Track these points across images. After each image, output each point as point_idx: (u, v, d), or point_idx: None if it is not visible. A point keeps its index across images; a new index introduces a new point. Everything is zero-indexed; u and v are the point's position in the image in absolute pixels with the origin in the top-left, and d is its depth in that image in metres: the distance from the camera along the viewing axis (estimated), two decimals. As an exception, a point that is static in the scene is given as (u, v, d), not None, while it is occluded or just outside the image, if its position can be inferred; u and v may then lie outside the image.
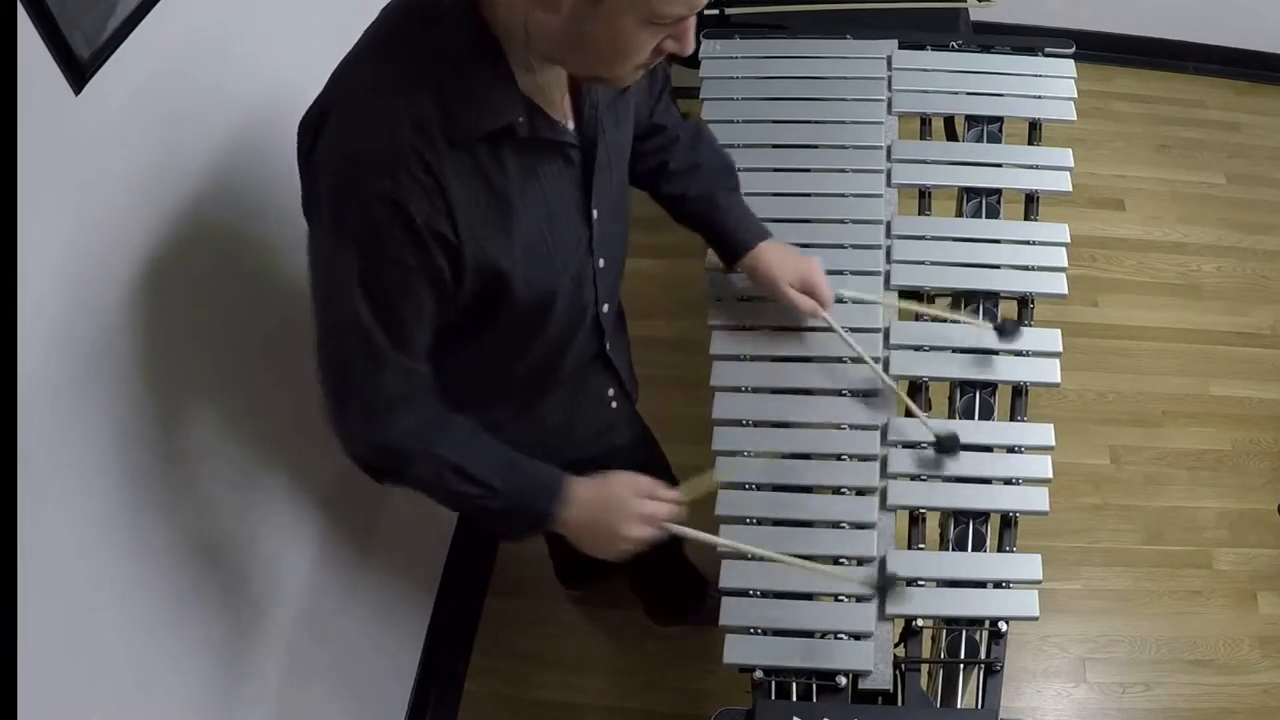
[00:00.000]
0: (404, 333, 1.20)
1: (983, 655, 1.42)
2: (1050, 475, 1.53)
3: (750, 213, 1.61)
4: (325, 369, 1.24)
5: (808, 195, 1.79)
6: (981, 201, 1.82)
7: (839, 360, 1.62)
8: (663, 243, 2.02)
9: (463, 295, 1.22)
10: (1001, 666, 1.41)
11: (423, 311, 1.20)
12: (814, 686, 1.39)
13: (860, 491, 1.53)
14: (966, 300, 1.71)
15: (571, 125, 1.25)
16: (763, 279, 1.58)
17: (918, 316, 1.67)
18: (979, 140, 1.89)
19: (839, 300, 1.63)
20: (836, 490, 1.54)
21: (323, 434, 1.30)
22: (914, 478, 1.54)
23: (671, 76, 1.59)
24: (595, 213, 1.32)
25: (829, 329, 1.61)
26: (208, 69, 1.43)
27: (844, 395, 1.61)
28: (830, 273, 1.69)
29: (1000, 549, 1.50)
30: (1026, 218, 1.80)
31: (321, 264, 1.21)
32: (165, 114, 1.34)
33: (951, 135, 2.28)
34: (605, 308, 1.46)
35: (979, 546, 1.51)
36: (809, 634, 1.43)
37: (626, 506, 1.37)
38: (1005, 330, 1.62)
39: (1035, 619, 1.43)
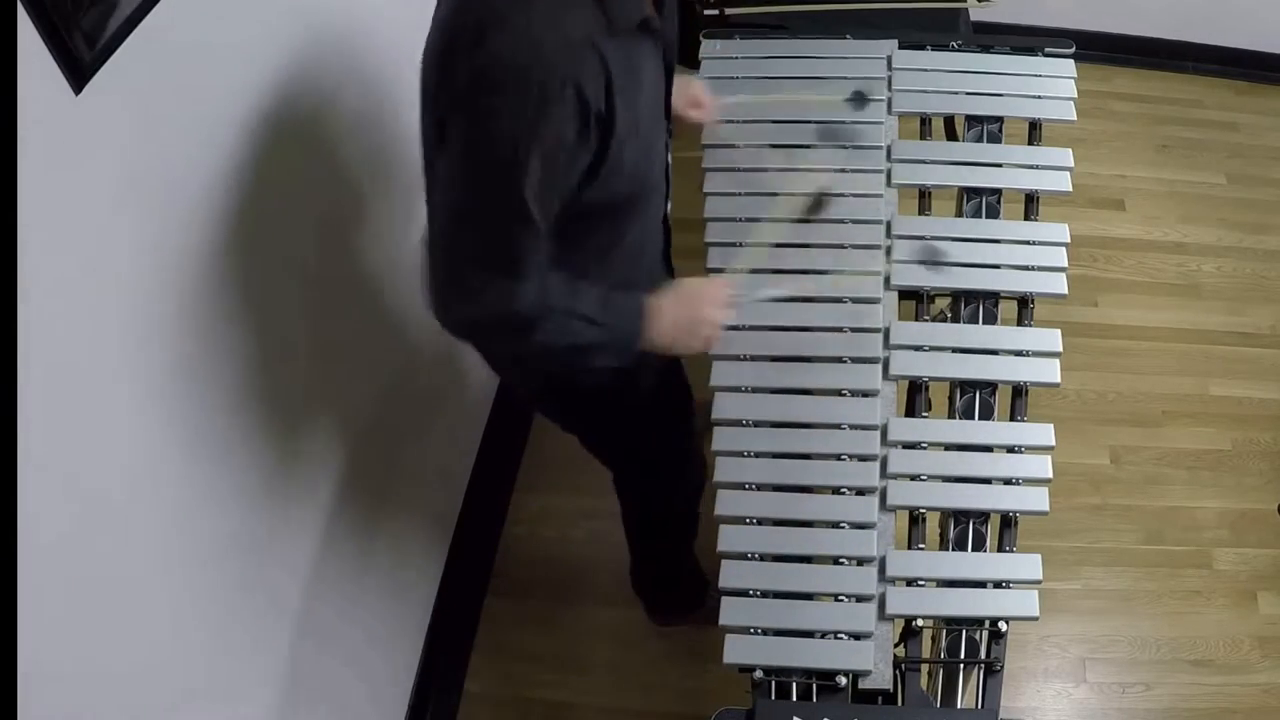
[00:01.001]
0: (548, 206, 1.31)
1: (983, 655, 1.42)
2: (1050, 475, 1.53)
3: None
4: (454, 251, 1.33)
5: (808, 195, 1.79)
6: (981, 201, 1.82)
7: (839, 360, 1.62)
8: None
9: (603, 178, 1.34)
10: (1001, 666, 1.41)
11: (567, 188, 1.32)
12: (814, 686, 1.39)
13: (860, 491, 1.53)
14: (966, 300, 1.71)
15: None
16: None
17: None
18: (979, 140, 1.89)
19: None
20: (836, 490, 1.54)
21: (323, 434, 1.29)
22: (914, 478, 1.54)
23: None
24: (670, 100, 1.50)
25: (830, 329, 1.62)
26: (208, 69, 1.42)
27: (844, 395, 1.61)
28: (830, 273, 1.70)
29: (1000, 549, 1.50)
30: (1026, 218, 1.80)
31: (473, 151, 1.28)
32: (166, 114, 1.34)
33: (951, 135, 2.28)
34: (670, 204, 1.62)
35: (979, 546, 1.51)
36: (809, 634, 1.43)
37: (701, 301, 1.54)
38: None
39: (1035, 619, 1.43)
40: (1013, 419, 1.60)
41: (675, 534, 2.16)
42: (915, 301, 1.71)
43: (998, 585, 1.45)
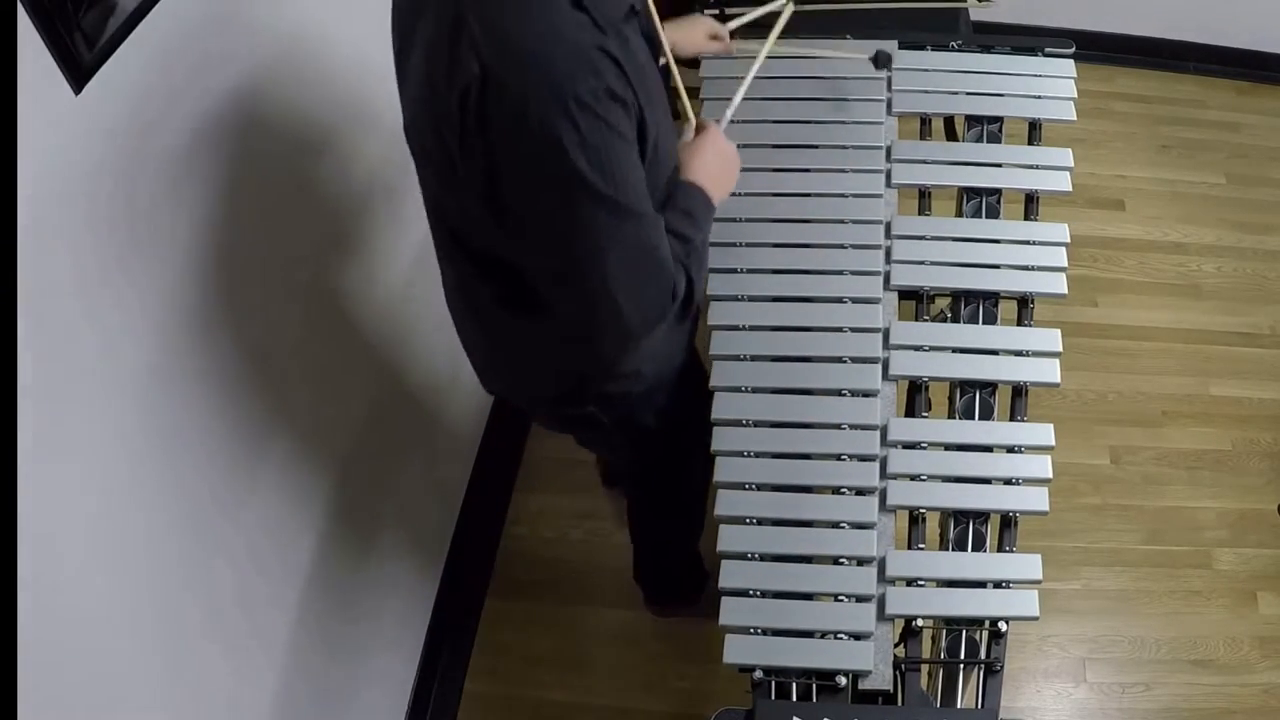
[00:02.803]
0: (644, 195, 1.33)
1: (983, 655, 1.42)
2: (1050, 475, 1.53)
3: None
4: (608, 281, 1.31)
5: (808, 195, 1.79)
6: (981, 201, 1.82)
7: (839, 360, 1.63)
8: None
9: (649, 165, 1.36)
10: (1001, 666, 1.41)
11: (640, 169, 1.33)
12: (814, 686, 1.40)
13: (860, 491, 1.53)
14: (966, 300, 1.71)
15: None
16: (687, 48, 1.82)
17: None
18: (979, 140, 1.89)
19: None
20: (836, 490, 1.54)
21: (323, 435, 1.29)
22: (914, 478, 1.54)
23: None
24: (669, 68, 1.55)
25: (830, 329, 1.62)
26: (208, 69, 1.42)
27: (844, 395, 1.61)
28: (830, 273, 1.70)
29: (1000, 549, 1.50)
30: (1026, 218, 1.80)
31: (551, 196, 1.27)
32: (165, 114, 1.34)
33: (951, 135, 2.28)
34: None
35: (979, 546, 1.51)
36: (809, 634, 1.43)
37: (709, 143, 1.56)
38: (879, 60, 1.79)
39: (1035, 619, 1.43)
40: (1013, 419, 1.60)
41: (682, 525, 2.16)
42: (915, 301, 1.71)
43: (998, 585, 1.45)
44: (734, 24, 1.87)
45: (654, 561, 2.30)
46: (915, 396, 1.65)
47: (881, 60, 1.84)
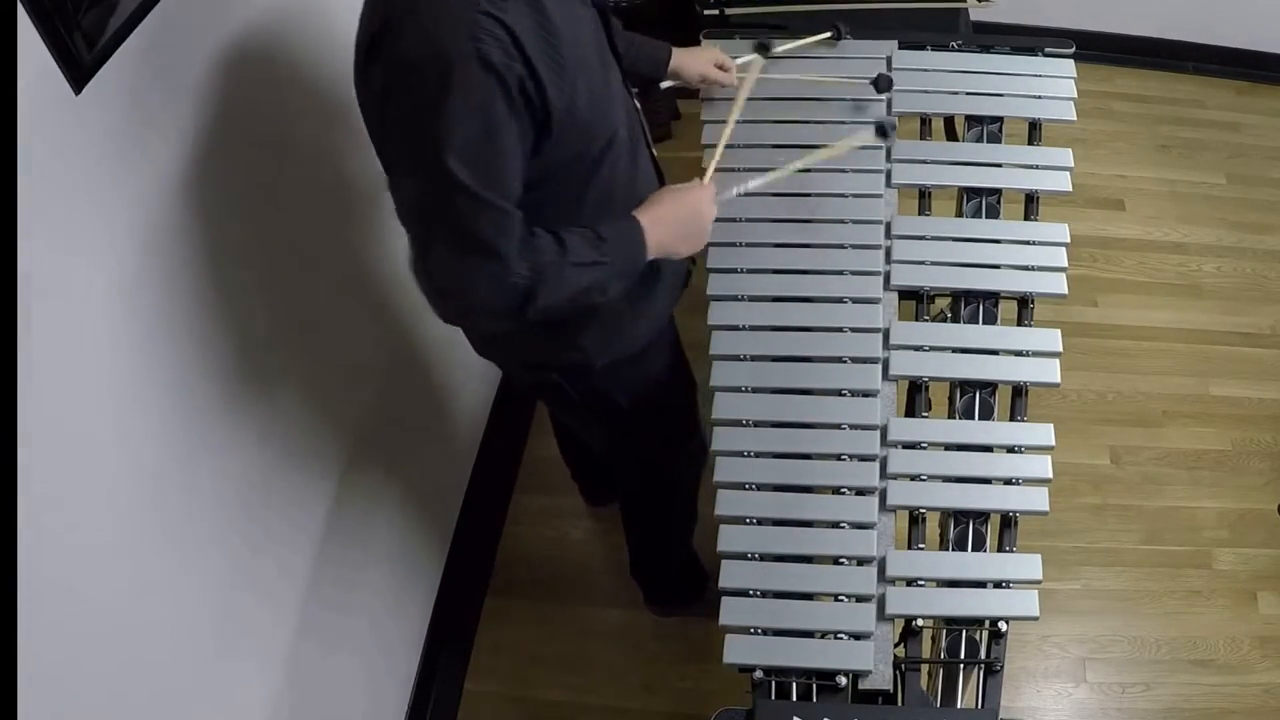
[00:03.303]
0: (504, 186, 1.31)
1: (983, 655, 1.42)
2: (1050, 475, 1.53)
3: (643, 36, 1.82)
4: (441, 252, 1.32)
5: (808, 195, 1.79)
6: (981, 201, 1.82)
7: (839, 360, 1.63)
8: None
9: (554, 141, 1.35)
10: (1001, 666, 1.41)
11: (516, 160, 1.32)
12: (814, 686, 1.40)
13: (860, 491, 1.53)
14: (966, 300, 1.71)
15: None
16: (690, 72, 1.84)
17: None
18: (979, 140, 1.89)
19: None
20: (836, 490, 1.54)
21: (322, 435, 1.29)
22: (914, 478, 1.54)
23: None
24: (620, 54, 1.51)
25: (830, 329, 1.62)
26: (208, 68, 1.42)
27: (844, 395, 1.61)
28: (830, 273, 1.70)
29: (1000, 549, 1.50)
30: (1026, 218, 1.80)
31: (411, 150, 1.29)
32: (165, 114, 1.34)
33: (951, 135, 2.28)
34: (653, 150, 1.65)
35: (979, 546, 1.51)
36: (809, 634, 1.43)
37: (691, 198, 1.54)
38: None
39: (1035, 619, 1.43)
40: (1013, 419, 1.60)
41: (673, 524, 2.17)
42: (915, 301, 1.71)
43: (998, 585, 1.45)
44: (741, 59, 1.89)
45: (649, 560, 2.30)
46: (915, 396, 1.65)
47: (883, 85, 1.86)
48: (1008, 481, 1.53)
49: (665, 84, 1.85)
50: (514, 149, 1.31)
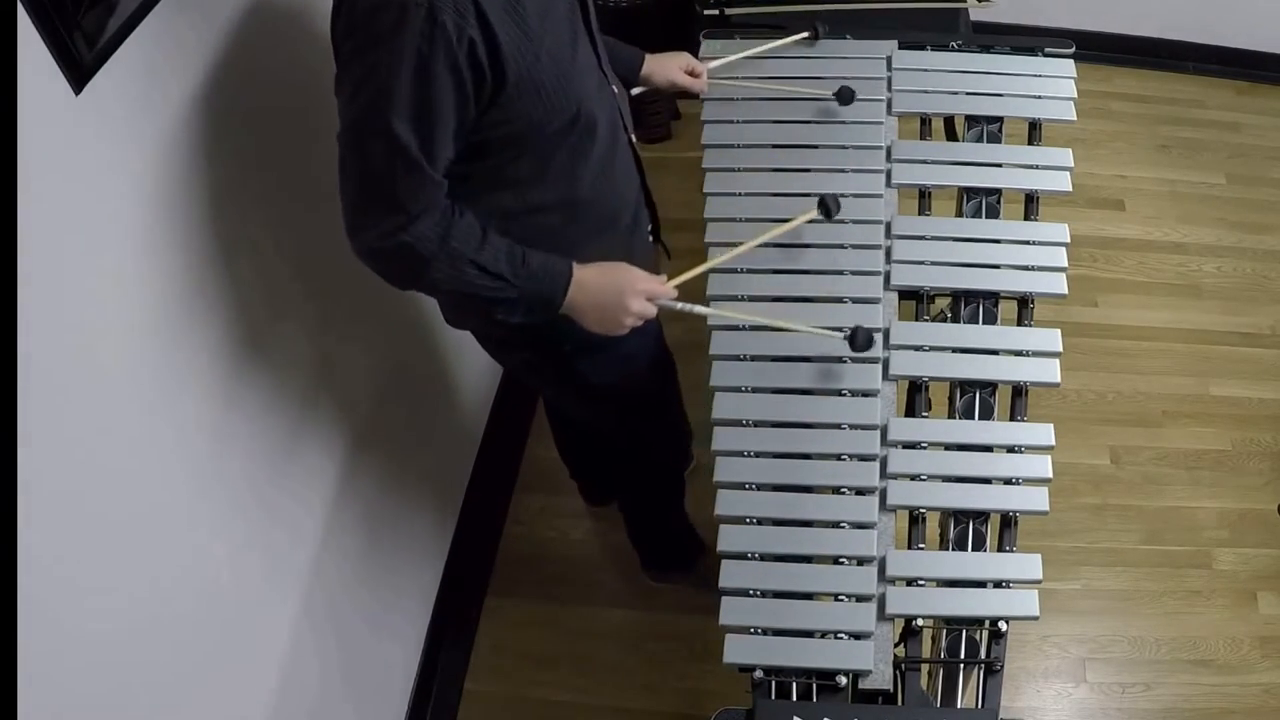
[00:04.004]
0: (430, 145, 1.32)
1: (983, 655, 1.42)
2: (1050, 475, 1.53)
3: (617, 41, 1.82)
4: (349, 179, 1.35)
5: (808, 195, 1.79)
6: (981, 201, 1.82)
7: (839, 360, 1.63)
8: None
9: (509, 107, 1.35)
10: (1001, 666, 1.41)
11: (448, 123, 1.32)
12: (814, 686, 1.39)
13: (860, 491, 1.53)
14: (966, 300, 1.71)
15: None
16: (661, 78, 1.85)
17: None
18: (979, 140, 1.89)
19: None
20: (836, 490, 1.54)
21: (322, 434, 1.29)
22: (914, 478, 1.54)
23: None
24: (595, 35, 1.52)
25: (832, 329, 1.62)
26: (209, 68, 1.43)
27: (844, 395, 1.61)
28: (830, 273, 1.70)
29: (1000, 549, 1.50)
30: (1026, 218, 1.80)
31: (352, 81, 1.31)
32: (165, 114, 1.34)
33: (951, 135, 2.28)
34: (634, 136, 1.65)
35: (979, 546, 1.51)
36: (809, 634, 1.43)
37: (629, 285, 1.52)
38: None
39: (1035, 619, 1.43)
40: (1013, 419, 1.60)
41: (657, 494, 2.21)
42: (915, 301, 1.71)
43: (998, 585, 1.45)
44: (714, 63, 1.90)
45: (641, 528, 2.33)
46: (915, 396, 1.65)
47: (845, 97, 1.87)
48: (1008, 481, 1.53)
49: (636, 90, 1.85)
50: (448, 112, 1.31)
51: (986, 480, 1.53)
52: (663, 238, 1.79)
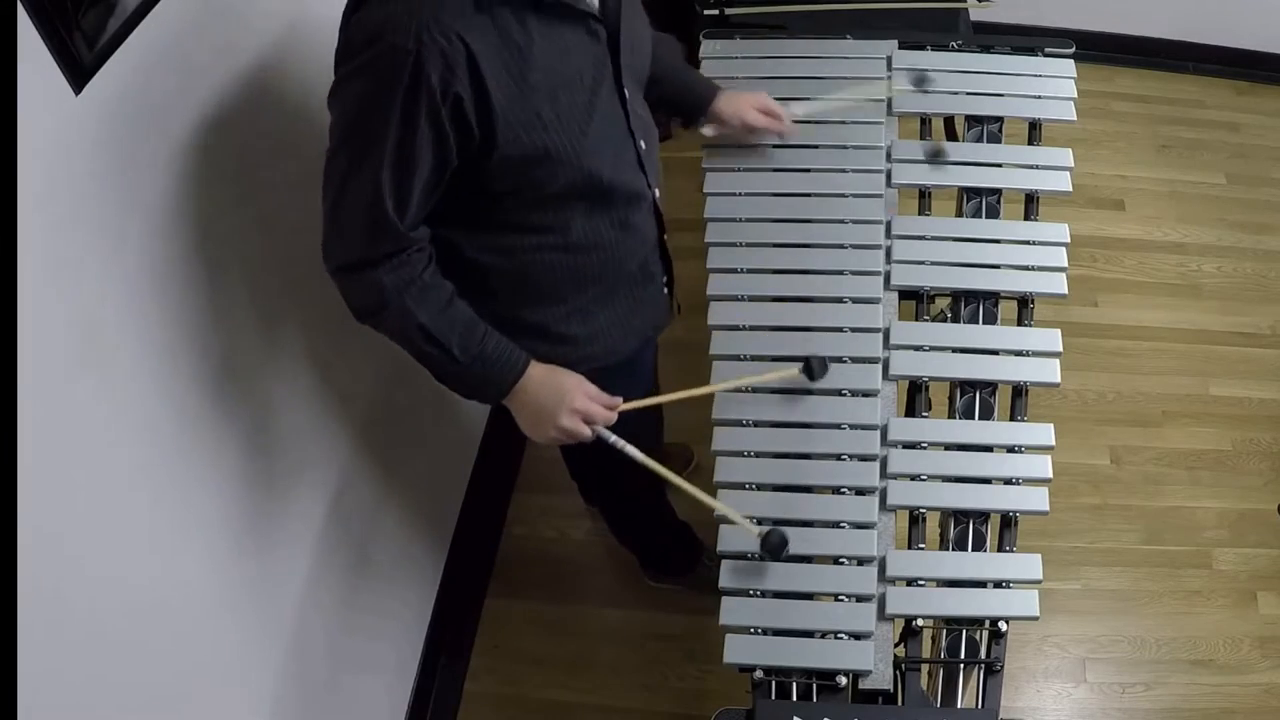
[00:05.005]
0: (404, 195, 1.29)
1: (983, 655, 1.42)
2: (1050, 475, 1.53)
3: (699, 74, 1.78)
4: (325, 199, 1.34)
5: (808, 195, 1.79)
6: (981, 201, 1.82)
7: (839, 360, 1.63)
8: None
9: (506, 163, 1.31)
10: (1001, 666, 1.41)
11: (424, 175, 1.29)
12: (814, 686, 1.39)
13: (860, 491, 1.53)
14: (966, 300, 1.71)
15: (595, 3, 1.35)
16: (730, 116, 1.75)
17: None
18: (979, 140, 1.89)
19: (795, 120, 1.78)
20: (836, 490, 1.54)
21: (323, 435, 1.29)
22: (914, 478, 1.54)
23: None
24: (627, 92, 1.43)
25: (830, 329, 1.62)
26: (209, 68, 1.43)
27: (844, 395, 1.61)
28: (830, 273, 1.71)
29: (1000, 549, 1.50)
30: (1026, 218, 1.80)
31: (340, 113, 1.30)
32: (166, 114, 1.34)
33: (951, 135, 2.28)
34: (657, 192, 1.56)
35: (979, 546, 1.51)
36: (809, 634, 1.43)
37: (569, 398, 1.47)
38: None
39: (1035, 619, 1.43)
40: (1013, 419, 1.60)
41: (643, 512, 2.18)
42: (915, 301, 1.71)
43: (998, 585, 1.45)
44: (798, 109, 1.79)
45: (627, 535, 2.30)
46: (915, 396, 1.65)
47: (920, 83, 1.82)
48: (1008, 481, 1.53)
49: (706, 129, 1.75)
50: (425, 165, 1.28)
51: (986, 480, 1.53)
52: (674, 283, 1.72)
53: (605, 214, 1.48)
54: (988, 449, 1.56)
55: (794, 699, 1.39)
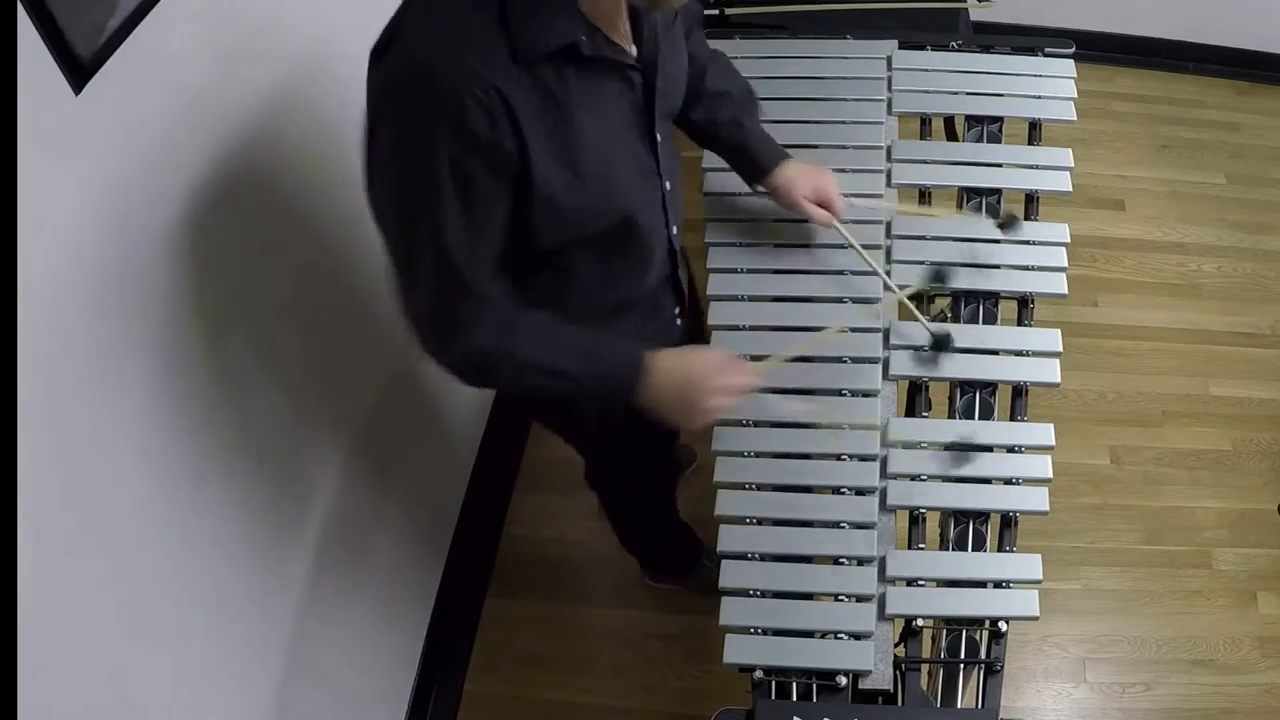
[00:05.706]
0: (473, 253, 1.26)
1: (983, 655, 1.42)
2: (1050, 475, 1.53)
3: (769, 135, 1.68)
4: (402, 292, 1.32)
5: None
6: (981, 201, 1.82)
7: (839, 360, 1.63)
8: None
9: (540, 215, 1.28)
10: (1001, 666, 1.41)
11: (490, 229, 1.26)
12: (814, 686, 1.39)
13: (860, 491, 1.53)
14: (966, 300, 1.71)
15: (633, 50, 1.31)
16: (782, 195, 1.65)
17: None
18: (979, 140, 1.89)
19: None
20: (836, 490, 1.54)
21: (322, 435, 1.29)
22: (914, 478, 1.54)
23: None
24: (659, 136, 1.39)
25: (834, 329, 1.62)
26: (208, 68, 1.42)
27: (844, 395, 1.61)
28: (830, 273, 1.71)
29: (1000, 549, 1.50)
30: (1026, 218, 1.80)
31: (389, 188, 1.27)
32: (165, 114, 1.34)
33: (951, 135, 2.28)
34: (675, 229, 1.53)
35: (979, 546, 1.51)
36: (809, 634, 1.43)
37: (709, 378, 1.42)
38: (1006, 224, 1.66)
39: (1035, 619, 1.43)
40: (1013, 419, 1.60)
41: (651, 513, 2.18)
42: (915, 302, 1.71)
43: (998, 585, 1.45)
44: (858, 202, 1.71)
45: (630, 534, 2.29)
46: (915, 396, 1.65)
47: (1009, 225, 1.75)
48: (1008, 481, 1.53)
49: (761, 192, 1.68)
50: (496, 216, 1.25)
51: (986, 480, 1.53)
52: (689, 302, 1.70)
53: (619, 253, 1.44)
54: (988, 449, 1.56)
55: (794, 699, 1.39)
